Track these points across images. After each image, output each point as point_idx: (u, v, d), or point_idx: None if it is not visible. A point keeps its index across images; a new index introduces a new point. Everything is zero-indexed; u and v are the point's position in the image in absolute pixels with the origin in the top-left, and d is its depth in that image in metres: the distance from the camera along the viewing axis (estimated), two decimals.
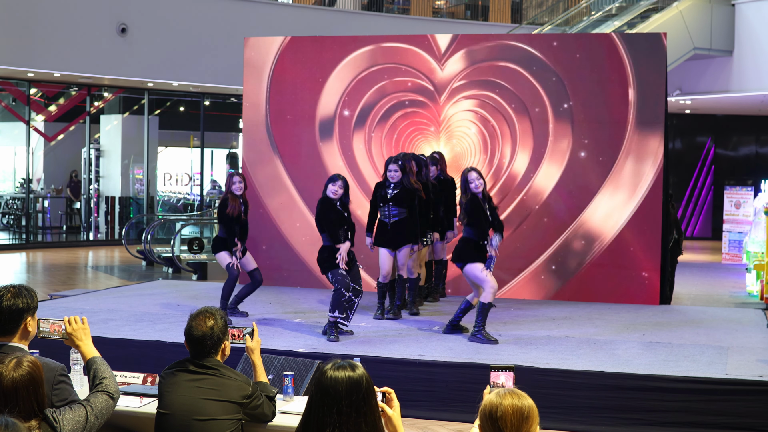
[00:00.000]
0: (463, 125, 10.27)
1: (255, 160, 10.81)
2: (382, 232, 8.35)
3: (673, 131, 21.15)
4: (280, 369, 5.12)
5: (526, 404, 2.73)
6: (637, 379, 6.21)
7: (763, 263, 10.50)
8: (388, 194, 8.27)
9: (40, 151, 20.82)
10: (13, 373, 2.98)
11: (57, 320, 3.84)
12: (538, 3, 22.23)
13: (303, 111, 10.69)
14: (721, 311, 9.58)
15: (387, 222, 8.31)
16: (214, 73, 17.39)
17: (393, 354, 6.78)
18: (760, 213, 11.85)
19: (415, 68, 10.36)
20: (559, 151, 9.88)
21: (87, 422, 3.28)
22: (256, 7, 17.74)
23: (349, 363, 2.99)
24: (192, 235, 14.46)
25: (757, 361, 6.70)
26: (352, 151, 10.55)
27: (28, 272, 14.59)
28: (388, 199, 8.26)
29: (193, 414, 3.62)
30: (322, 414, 2.90)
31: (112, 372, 3.58)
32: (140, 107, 19.73)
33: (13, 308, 3.50)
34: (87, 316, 3.85)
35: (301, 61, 10.70)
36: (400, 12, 21.22)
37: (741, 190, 16.26)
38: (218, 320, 3.76)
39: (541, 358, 6.70)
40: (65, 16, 16.03)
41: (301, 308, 9.00)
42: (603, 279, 9.75)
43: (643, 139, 9.69)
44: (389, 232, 8.29)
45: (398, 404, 3.21)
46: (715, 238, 19.83)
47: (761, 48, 16.30)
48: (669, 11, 16.24)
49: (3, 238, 19.93)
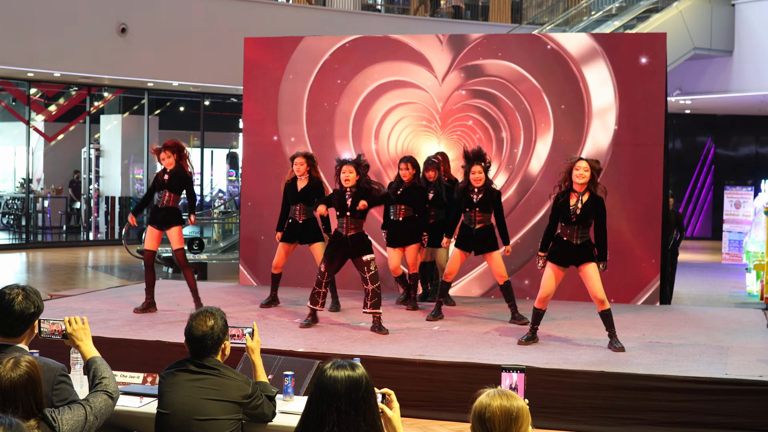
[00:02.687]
0: (463, 125, 10.26)
1: (255, 159, 10.81)
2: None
3: (673, 131, 21.16)
4: (280, 369, 5.12)
5: (515, 405, 2.72)
6: (637, 379, 6.21)
7: (763, 263, 10.51)
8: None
9: (40, 151, 20.83)
10: (11, 374, 2.98)
11: (57, 320, 3.84)
12: (538, 3, 22.23)
13: (303, 111, 10.69)
14: (721, 311, 9.58)
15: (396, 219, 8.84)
16: (214, 73, 17.39)
17: (393, 354, 6.77)
18: (760, 213, 11.86)
19: (415, 68, 10.36)
20: (559, 150, 9.88)
21: (86, 422, 3.28)
22: (256, 7, 17.74)
23: (349, 363, 2.99)
24: (192, 235, 14.46)
25: (757, 361, 6.70)
26: (352, 151, 10.54)
27: (28, 272, 14.59)
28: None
29: (193, 414, 3.63)
30: (321, 412, 2.90)
31: (111, 372, 3.58)
32: (140, 107, 19.73)
33: (26, 312, 3.51)
34: (87, 316, 3.85)
35: (302, 60, 10.70)
36: (400, 12, 21.23)
37: (741, 190, 16.28)
38: (218, 320, 3.76)
39: (541, 358, 6.70)
40: (65, 16, 16.03)
41: (301, 308, 9.00)
42: (603, 279, 9.72)
43: (643, 139, 9.68)
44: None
45: (398, 405, 3.21)
46: (715, 238, 19.85)
47: (761, 48, 16.31)
48: (669, 11, 16.24)
49: (3, 238, 19.93)
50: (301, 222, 8.74)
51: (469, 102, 10.20)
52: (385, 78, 10.44)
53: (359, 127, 10.53)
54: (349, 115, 10.56)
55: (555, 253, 7.15)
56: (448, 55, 10.25)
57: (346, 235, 7.67)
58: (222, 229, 15.63)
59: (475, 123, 10.19)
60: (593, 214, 7.06)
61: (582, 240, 7.09)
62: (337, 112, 10.59)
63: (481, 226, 8.10)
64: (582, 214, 7.04)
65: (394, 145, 10.44)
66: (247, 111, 10.96)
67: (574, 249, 7.09)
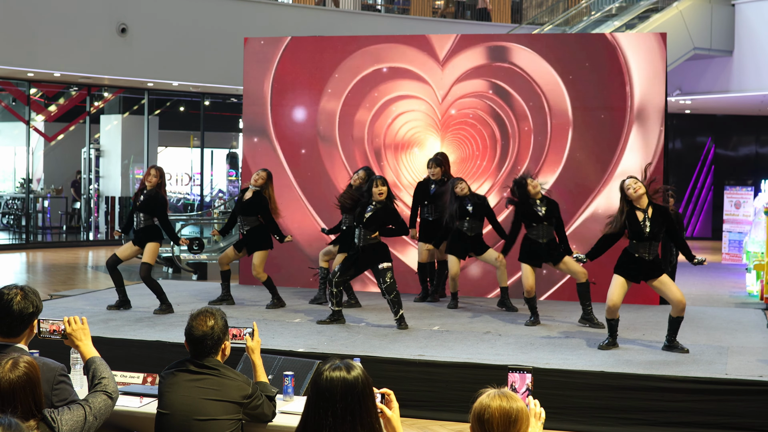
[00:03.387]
0: (463, 124, 10.26)
1: (255, 159, 10.81)
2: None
3: (673, 131, 21.15)
4: (280, 369, 5.12)
5: (514, 407, 2.72)
6: (637, 379, 6.21)
7: (763, 263, 10.50)
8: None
9: (40, 151, 20.83)
10: (9, 374, 2.98)
11: (57, 320, 3.84)
12: (538, 3, 22.22)
13: (303, 110, 10.69)
14: (721, 311, 9.58)
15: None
16: (214, 73, 17.39)
17: (393, 354, 6.77)
18: (760, 213, 11.85)
19: (415, 68, 10.36)
20: (559, 150, 9.88)
21: (85, 422, 3.28)
22: (256, 7, 17.74)
23: (346, 364, 2.98)
24: (192, 235, 14.45)
25: (757, 361, 6.70)
26: (352, 150, 10.54)
27: (28, 272, 14.59)
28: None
29: (193, 414, 3.62)
30: (318, 416, 2.90)
31: (111, 372, 3.58)
32: (140, 107, 19.73)
33: (25, 312, 3.50)
34: (87, 316, 3.85)
35: (302, 60, 10.70)
36: (400, 12, 21.22)
37: (741, 190, 16.26)
38: (218, 320, 3.76)
39: (541, 358, 6.70)
40: (65, 16, 16.02)
41: (301, 308, 9.00)
42: (601, 281, 9.72)
43: (643, 139, 9.68)
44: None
45: (397, 405, 3.20)
46: (715, 238, 19.83)
47: (761, 48, 16.30)
48: (669, 11, 16.23)
49: (3, 238, 19.93)
50: (245, 233, 8.89)
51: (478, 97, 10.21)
52: (386, 78, 10.44)
53: (360, 126, 10.52)
54: (352, 115, 10.55)
55: (626, 269, 7.00)
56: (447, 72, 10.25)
57: (360, 245, 7.74)
58: (222, 229, 15.61)
59: (477, 120, 10.20)
60: (662, 226, 6.89)
61: (653, 256, 6.94)
62: (338, 111, 10.58)
63: (547, 239, 8.07)
64: (653, 229, 6.87)
65: (395, 144, 10.44)
66: (247, 111, 10.96)
67: (646, 266, 6.96)
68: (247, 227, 8.85)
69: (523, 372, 3.41)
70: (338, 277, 7.83)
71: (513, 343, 7.32)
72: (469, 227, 8.80)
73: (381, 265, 7.65)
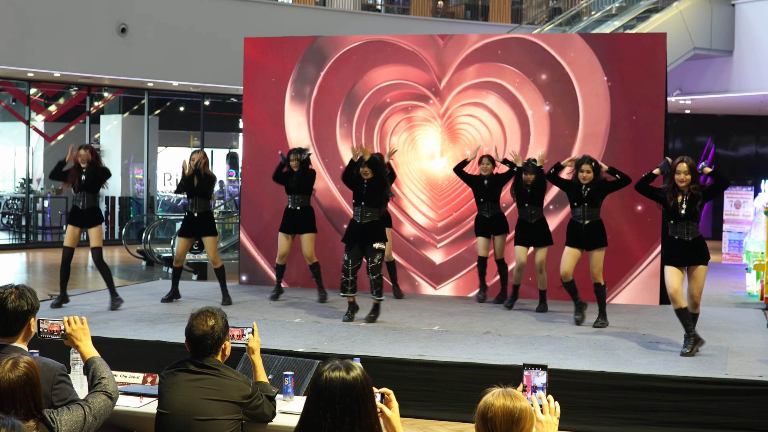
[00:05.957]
0: (463, 123, 10.26)
1: (255, 159, 10.81)
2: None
3: (673, 131, 21.16)
4: (280, 369, 5.12)
5: (518, 406, 2.72)
6: (637, 379, 6.21)
7: (763, 263, 10.50)
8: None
9: (40, 151, 20.82)
10: (9, 375, 2.98)
11: (56, 320, 3.84)
12: (538, 3, 22.22)
13: (303, 110, 10.69)
14: (721, 311, 9.58)
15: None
16: (214, 73, 17.38)
17: (393, 354, 6.77)
18: (760, 213, 11.85)
19: (415, 68, 10.36)
20: (559, 150, 9.87)
21: (85, 422, 3.27)
22: (256, 7, 17.74)
23: (345, 364, 2.97)
24: None
25: (757, 361, 6.70)
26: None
27: (28, 272, 14.60)
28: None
29: (193, 414, 3.62)
30: (317, 417, 2.90)
31: (111, 372, 3.58)
32: (140, 107, 19.73)
33: (19, 310, 3.50)
34: (87, 316, 3.85)
35: (301, 60, 10.70)
36: (400, 12, 21.22)
37: (741, 190, 16.25)
38: (219, 320, 3.76)
39: (541, 358, 6.70)
40: (65, 16, 16.02)
41: (301, 308, 9.00)
42: (605, 278, 9.73)
43: (643, 139, 9.68)
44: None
45: (397, 405, 3.20)
46: (715, 238, 19.82)
47: (761, 48, 16.30)
48: (669, 11, 16.23)
49: (3, 238, 19.93)
50: (197, 216, 9.10)
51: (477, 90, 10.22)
52: (386, 78, 10.44)
53: (360, 126, 10.53)
54: (352, 115, 10.56)
55: (672, 257, 7.02)
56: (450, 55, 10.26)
57: (361, 222, 8.03)
58: (222, 229, 15.61)
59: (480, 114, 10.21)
60: (699, 203, 6.98)
61: (693, 236, 6.98)
62: (339, 111, 10.58)
63: (590, 221, 8.06)
64: (689, 209, 6.94)
65: (397, 143, 10.44)
66: (247, 111, 10.96)
67: (688, 247, 6.96)
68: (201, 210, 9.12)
69: (538, 369, 3.43)
70: (352, 265, 8.06)
71: (513, 343, 7.32)
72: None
73: (375, 245, 8.00)
